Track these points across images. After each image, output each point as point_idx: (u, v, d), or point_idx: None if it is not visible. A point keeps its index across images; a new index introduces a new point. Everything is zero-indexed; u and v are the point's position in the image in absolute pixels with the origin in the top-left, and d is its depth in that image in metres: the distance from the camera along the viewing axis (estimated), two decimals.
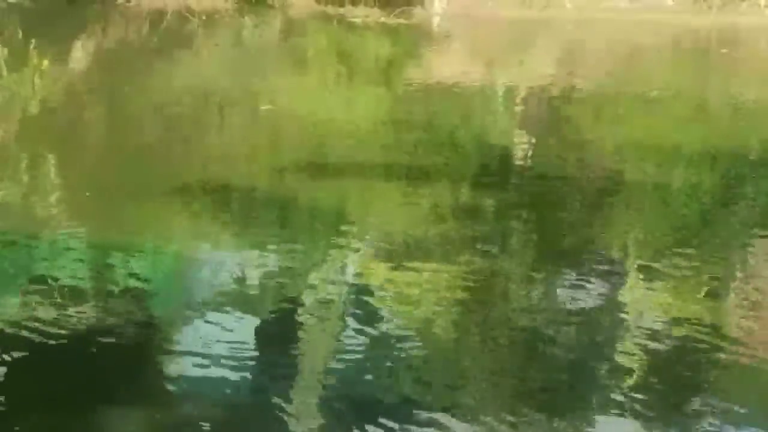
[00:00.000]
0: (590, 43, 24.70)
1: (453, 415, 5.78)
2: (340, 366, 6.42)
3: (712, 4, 26.38)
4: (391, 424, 5.65)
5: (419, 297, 7.62)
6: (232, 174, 10.83)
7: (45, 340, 6.48)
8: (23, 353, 6.35)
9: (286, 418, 5.69)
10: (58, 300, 7.08)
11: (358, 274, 8.06)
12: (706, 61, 22.63)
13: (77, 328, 6.64)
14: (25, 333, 6.57)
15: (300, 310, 7.24)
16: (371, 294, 7.58)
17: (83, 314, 6.87)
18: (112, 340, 6.62)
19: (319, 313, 7.22)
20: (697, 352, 6.82)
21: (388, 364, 6.43)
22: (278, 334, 6.89)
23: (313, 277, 7.89)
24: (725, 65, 21.90)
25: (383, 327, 6.98)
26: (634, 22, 25.46)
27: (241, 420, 5.65)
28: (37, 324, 6.68)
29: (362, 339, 6.76)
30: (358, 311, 7.25)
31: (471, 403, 5.96)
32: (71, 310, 6.90)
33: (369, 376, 6.28)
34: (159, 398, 5.85)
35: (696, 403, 6.05)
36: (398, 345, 6.70)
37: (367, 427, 5.63)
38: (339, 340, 6.81)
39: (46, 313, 6.84)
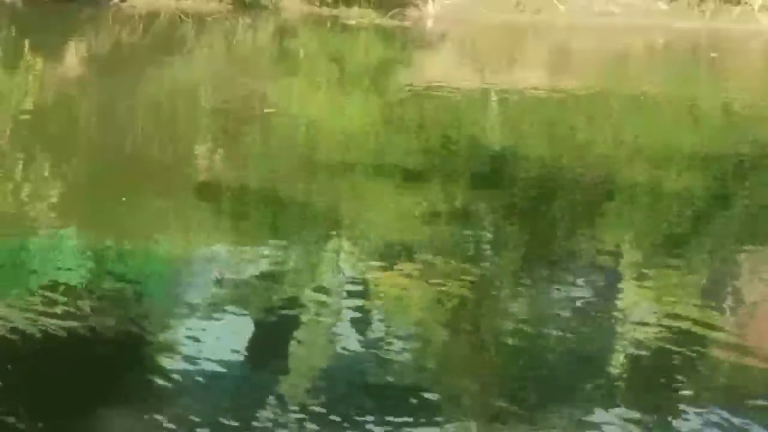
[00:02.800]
0: (583, 47, 24.69)
1: (448, 415, 5.81)
2: (334, 366, 6.45)
3: (706, 9, 26.35)
4: (386, 423, 5.68)
5: (413, 299, 7.65)
6: (225, 176, 10.84)
7: (38, 340, 6.50)
8: (18, 352, 6.37)
9: (280, 417, 5.72)
10: (53, 299, 7.09)
11: (352, 276, 8.09)
12: (696, 65, 22.65)
13: (72, 327, 6.66)
14: (19, 332, 6.58)
15: (294, 312, 7.26)
16: (365, 296, 7.60)
17: (78, 314, 6.88)
18: (107, 339, 6.64)
19: (313, 314, 7.24)
20: (693, 353, 6.86)
21: (382, 364, 6.46)
22: (272, 335, 6.90)
23: (307, 279, 7.92)
24: (714, 70, 21.92)
25: (377, 328, 7.01)
26: (626, 26, 25.45)
27: (235, 420, 5.67)
28: (31, 323, 6.69)
29: (356, 340, 6.79)
30: (351, 313, 7.27)
31: (466, 403, 5.99)
32: (66, 310, 6.91)
33: (363, 377, 6.31)
34: (153, 398, 5.88)
35: (692, 404, 6.10)
36: (392, 345, 6.73)
37: (362, 426, 5.66)
38: (332, 341, 6.83)
39: (40, 312, 6.84)
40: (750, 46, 25.48)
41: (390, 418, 5.75)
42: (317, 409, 5.84)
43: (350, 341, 6.79)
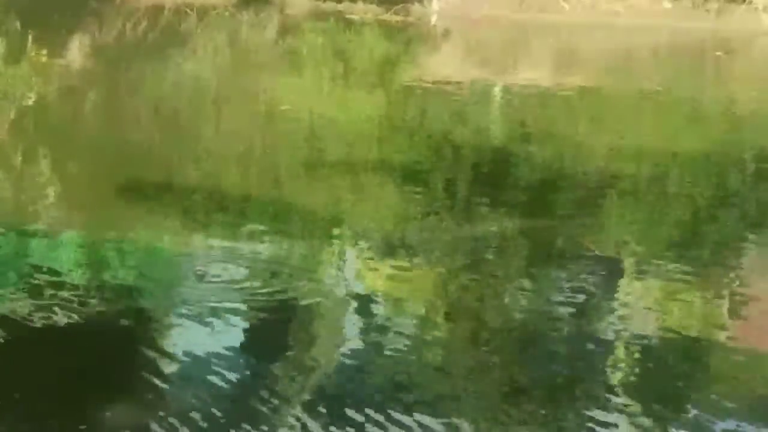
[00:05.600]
0: (586, 45, 24.69)
1: (449, 414, 5.81)
2: (334, 364, 6.45)
3: (710, 8, 26.35)
4: (383, 422, 5.69)
5: (414, 296, 7.65)
6: (226, 172, 10.84)
7: (36, 337, 6.50)
8: (16, 350, 6.37)
9: (278, 416, 5.72)
10: (51, 297, 7.09)
11: (353, 273, 8.09)
12: (701, 65, 22.64)
13: (69, 325, 6.66)
14: (16, 330, 6.58)
15: (293, 309, 7.26)
16: (365, 293, 7.59)
17: (75, 311, 6.88)
18: (104, 338, 6.65)
19: (313, 311, 7.24)
20: (693, 352, 6.87)
21: (382, 363, 6.46)
22: (271, 333, 6.90)
23: (307, 276, 7.91)
24: (719, 69, 21.92)
25: (377, 326, 7.01)
26: (630, 26, 25.46)
27: (232, 418, 5.67)
28: (28, 321, 6.69)
29: (356, 338, 6.79)
30: (352, 309, 7.27)
31: (465, 402, 5.99)
32: (63, 307, 6.91)
33: (362, 375, 6.30)
34: (150, 396, 5.87)
35: (689, 404, 6.10)
36: (392, 344, 6.73)
37: (363, 425, 5.66)
38: (333, 340, 6.83)
39: (38, 310, 6.84)
40: (755, 46, 25.48)
41: (390, 417, 5.75)
42: (317, 408, 5.84)
43: (351, 339, 6.79)
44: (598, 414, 5.92)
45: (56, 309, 6.86)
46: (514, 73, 19.97)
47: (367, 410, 5.79)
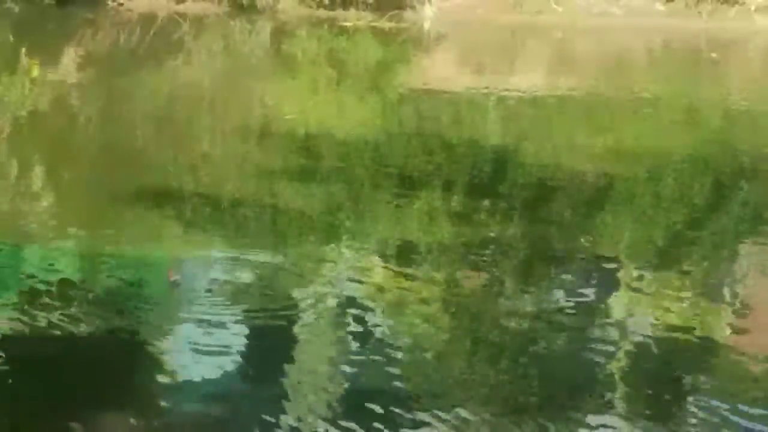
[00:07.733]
0: (581, 48, 24.73)
1: (446, 419, 5.80)
2: (334, 369, 6.43)
3: (703, 9, 26.44)
4: (384, 426, 5.68)
5: (412, 302, 7.63)
6: (222, 180, 10.84)
7: (33, 344, 6.49)
8: (14, 355, 6.35)
9: (277, 421, 5.71)
10: (48, 305, 7.08)
11: (351, 280, 8.07)
12: (695, 66, 22.69)
13: (65, 333, 6.64)
14: (14, 336, 6.57)
15: (292, 316, 7.24)
16: (364, 300, 7.58)
17: (73, 319, 6.86)
18: (103, 344, 6.63)
19: (312, 318, 7.22)
20: (692, 353, 6.87)
21: (381, 368, 6.44)
22: (272, 340, 6.89)
23: (306, 283, 7.90)
24: (714, 70, 21.97)
25: (376, 332, 7.00)
26: (624, 27, 25.52)
27: (231, 423, 5.66)
28: (25, 328, 6.68)
29: (355, 344, 6.78)
30: (351, 317, 7.25)
31: (464, 406, 5.97)
32: (60, 315, 6.89)
33: (362, 381, 6.29)
34: (148, 403, 5.86)
35: (687, 404, 6.09)
36: (391, 349, 6.72)
37: (362, 428, 5.65)
38: (331, 345, 6.82)
39: (36, 317, 6.83)
40: (748, 46, 25.53)
41: (390, 420, 5.74)
42: (317, 411, 5.83)
43: (351, 345, 6.78)
44: (597, 418, 5.91)
45: (53, 318, 6.85)
46: (508, 76, 19.98)
47: (367, 415, 5.78)
